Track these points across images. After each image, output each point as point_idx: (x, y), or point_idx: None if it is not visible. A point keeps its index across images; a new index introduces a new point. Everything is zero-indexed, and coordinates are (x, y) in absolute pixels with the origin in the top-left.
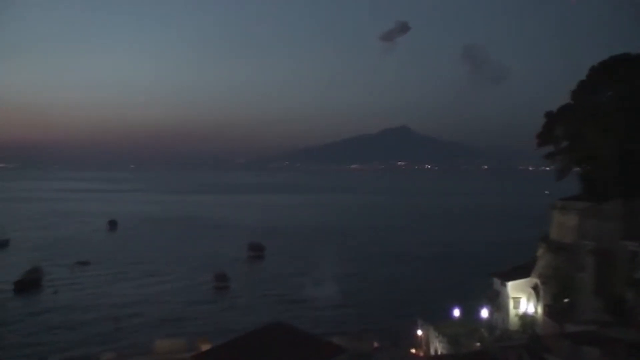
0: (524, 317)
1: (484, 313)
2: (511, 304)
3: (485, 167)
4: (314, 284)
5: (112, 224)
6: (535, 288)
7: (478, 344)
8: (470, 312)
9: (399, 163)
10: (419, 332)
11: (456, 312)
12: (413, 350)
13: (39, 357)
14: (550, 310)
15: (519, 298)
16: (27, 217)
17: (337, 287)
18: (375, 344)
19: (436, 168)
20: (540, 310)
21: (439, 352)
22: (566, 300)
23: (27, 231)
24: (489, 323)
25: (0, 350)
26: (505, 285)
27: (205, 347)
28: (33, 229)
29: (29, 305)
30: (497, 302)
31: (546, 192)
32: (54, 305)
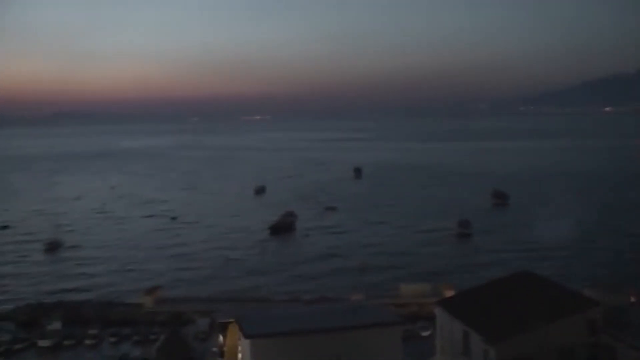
0: None
1: None
2: None
3: None
4: (561, 233)
5: (357, 172)
6: None
7: None
8: None
9: None
10: None
11: None
12: None
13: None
14: None
15: None
16: (280, 165)
17: (587, 236)
18: (632, 299)
19: None
20: None
21: None
22: None
23: (280, 179)
24: None
25: (257, 283)
26: None
27: (449, 292)
28: (286, 177)
29: (284, 247)
30: None
31: None
32: (306, 247)
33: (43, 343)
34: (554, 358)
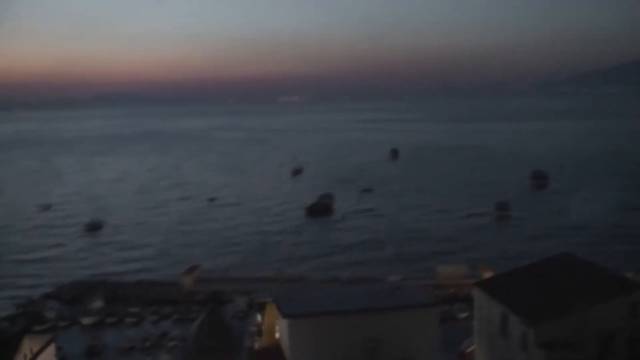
0: None
1: None
2: None
3: None
4: (603, 214)
5: (394, 153)
6: None
7: None
8: None
9: None
10: None
11: None
12: None
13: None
14: None
15: None
16: (317, 146)
17: (630, 218)
18: None
19: None
20: None
21: None
22: None
23: (317, 160)
24: None
25: (294, 264)
26: None
27: (487, 274)
28: (322, 158)
29: (322, 228)
30: None
31: None
32: (343, 228)
33: (86, 321)
34: (595, 341)
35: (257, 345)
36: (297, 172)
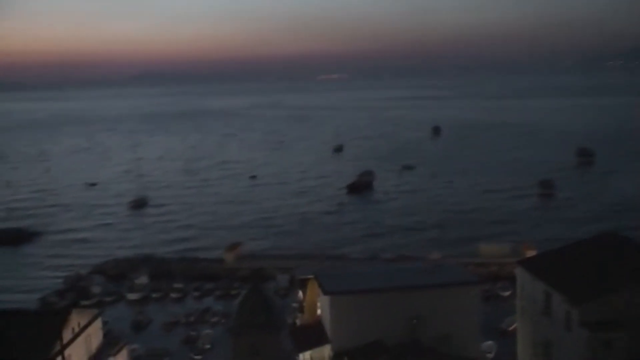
0: None
1: None
2: None
3: None
4: None
5: (436, 130)
6: None
7: None
8: None
9: None
10: None
11: None
12: None
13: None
14: None
15: None
16: (358, 124)
17: None
18: None
19: None
20: None
21: None
22: None
23: (358, 138)
24: None
25: (335, 241)
26: None
27: (530, 253)
28: (364, 136)
29: (362, 206)
30: None
31: None
32: (384, 206)
33: (132, 296)
34: (638, 322)
35: (298, 322)
36: (338, 149)
